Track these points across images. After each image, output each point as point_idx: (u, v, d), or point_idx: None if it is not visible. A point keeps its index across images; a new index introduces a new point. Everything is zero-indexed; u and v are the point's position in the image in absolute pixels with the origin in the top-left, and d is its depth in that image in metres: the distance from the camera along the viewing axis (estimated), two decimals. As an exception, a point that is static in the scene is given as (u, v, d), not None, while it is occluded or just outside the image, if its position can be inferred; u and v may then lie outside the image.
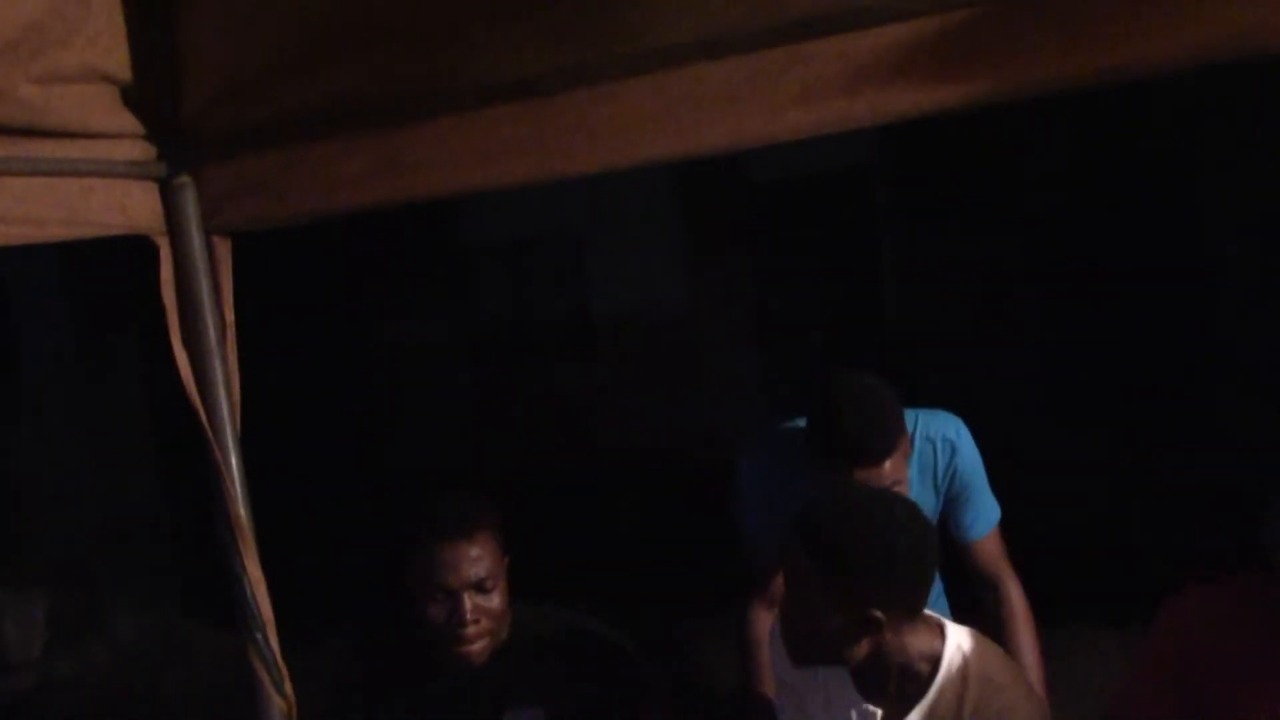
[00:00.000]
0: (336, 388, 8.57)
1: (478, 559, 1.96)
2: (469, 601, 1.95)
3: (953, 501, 2.44)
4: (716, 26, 1.61)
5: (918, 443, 2.37)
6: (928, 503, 2.40)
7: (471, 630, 1.96)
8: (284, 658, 2.00)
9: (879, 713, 1.83)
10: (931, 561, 1.80)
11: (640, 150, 1.72)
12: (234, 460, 1.99)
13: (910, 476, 2.28)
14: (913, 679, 1.81)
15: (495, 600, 1.99)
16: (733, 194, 8.10)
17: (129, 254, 2.05)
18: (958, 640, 1.83)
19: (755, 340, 8.19)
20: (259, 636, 1.97)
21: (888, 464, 2.08)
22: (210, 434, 1.96)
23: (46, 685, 5.20)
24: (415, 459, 7.73)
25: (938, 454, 2.40)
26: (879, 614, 1.72)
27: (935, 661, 1.80)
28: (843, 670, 1.84)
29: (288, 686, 1.98)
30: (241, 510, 1.98)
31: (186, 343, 1.97)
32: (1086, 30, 1.43)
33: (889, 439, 2.09)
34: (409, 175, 1.87)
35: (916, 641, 1.80)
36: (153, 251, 1.97)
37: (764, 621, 2.43)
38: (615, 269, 8.76)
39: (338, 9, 1.79)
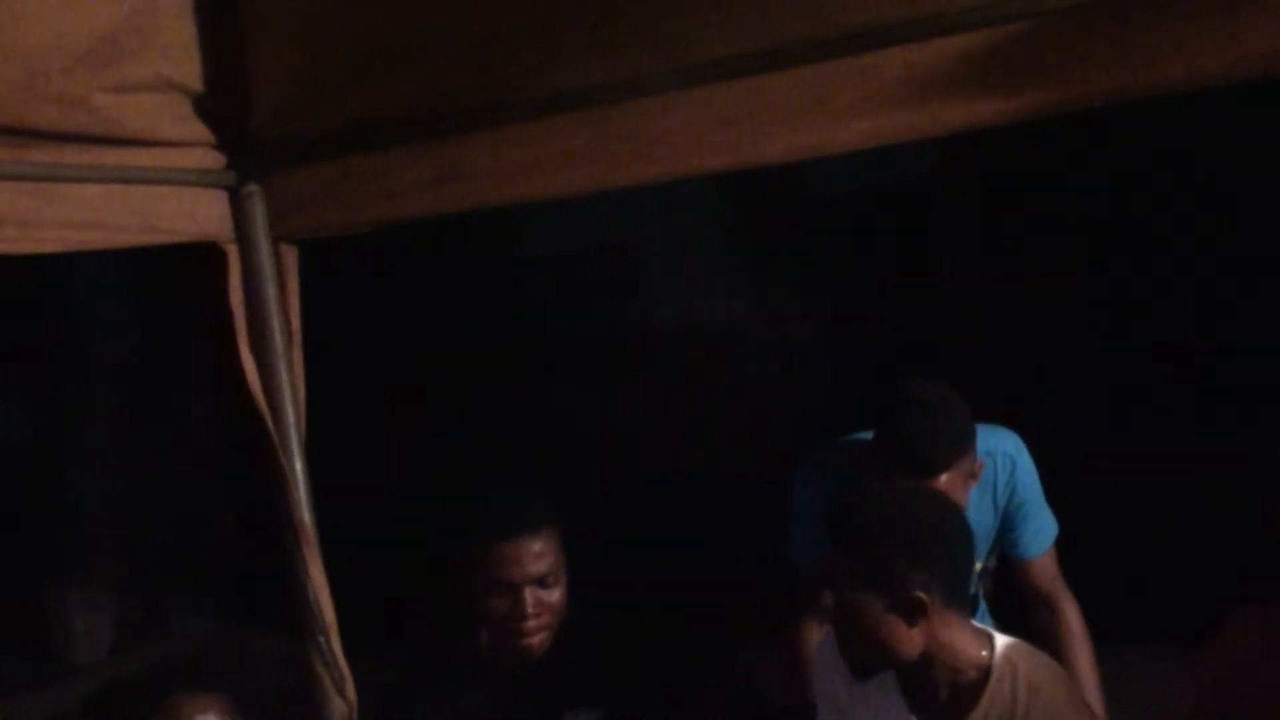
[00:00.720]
0: (392, 398, 8.62)
1: (540, 554, 1.98)
2: (530, 595, 1.97)
3: (1010, 518, 2.41)
4: (775, 38, 1.63)
5: (980, 457, 2.29)
6: (985, 519, 2.37)
7: (532, 624, 1.98)
8: (345, 661, 2.03)
9: None
10: (966, 543, 1.79)
11: (696, 161, 1.74)
12: (298, 466, 2.03)
13: (969, 494, 2.24)
14: (962, 689, 1.77)
15: (556, 595, 2.01)
16: (790, 208, 8.07)
17: (197, 263, 2.10)
18: (1007, 651, 1.80)
19: (812, 356, 8.16)
20: (321, 639, 2.01)
21: (944, 478, 2.02)
22: (275, 439, 2.00)
23: (112, 687, 5.30)
24: (470, 469, 7.77)
25: (997, 470, 2.36)
26: (922, 595, 1.70)
27: (985, 671, 1.77)
28: (892, 685, 1.83)
29: (349, 689, 2.02)
30: (305, 515, 2.02)
31: (253, 349, 2.02)
32: (1143, 42, 1.43)
33: (949, 451, 2.04)
34: (468, 184, 1.91)
35: (965, 647, 1.77)
36: (220, 259, 2.02)
37: (813, 638, 2.43)
38: (671, 283, 8.75)
39: (400, 22, 1.82)
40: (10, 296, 6.05)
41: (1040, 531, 2.41)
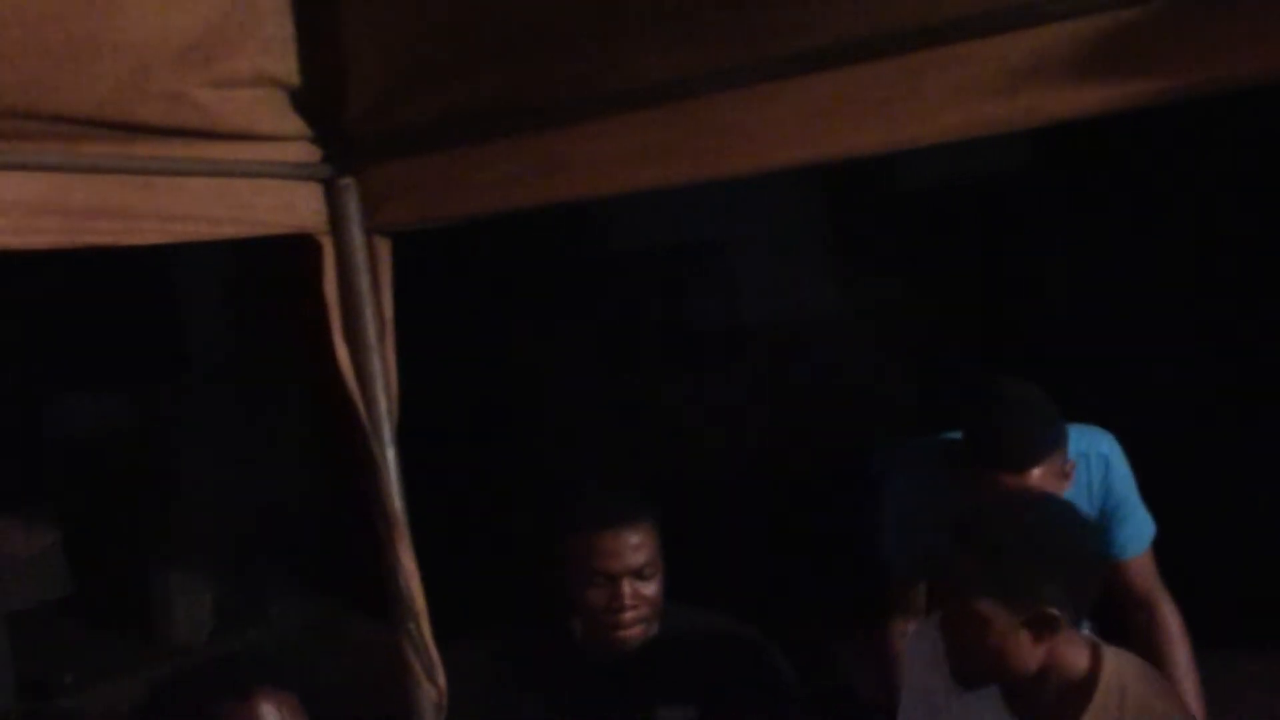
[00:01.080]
0: (486, 390, 8.70)
1: (638, 546, 1.99)
2: (628, 587, 1.98)
3: (1106, 519, 2.36)
4: (868, 28, 1.60)
5: (1073, 457, 2.24)
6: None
7: (630, 615, 1.99)
8: (436, 648, 2.05)
9: None
10: (1097, 558, 1.75)
11: (789, 153, 1.73)
12: (390, 454, 2.06)
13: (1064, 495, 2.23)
14: (1069, 700, 1.72)
15: (653, 588, 2.02)
16: (879, 202, 7.98)
17: (292, 256, 2.14)
18: (1114, 662, 1.75)
19: (904, 351, 8.07)
20: (411, 626, 2.03)
21: (1036, 472, 2.00)
22: (368, 428, 2.03)
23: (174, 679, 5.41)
24: (562, 463, 7.82)
25: (1091, 470, 2.31)
26: (1055, 611, 1.65)
27: (1090, 680, 1.72)
28: (992, 688, 1.80)
29: (439, 675, 2.04)
30: (397, 503, 2.04)
31: (347, 339, 2.05)
32: (1245, 29, 1.39)
33: (1039, 447, 2.01)
34: (560, 177, 1.91)
35: (1076, 658, 1.73)
36: (316, 251, 2.05)
37: (901, 637, 2.40)
38: (763, 277, 8.71)
39: (493, 15, 1.83)
40: (114, 290, 6.23)
41: (1137, 532, 2.36)
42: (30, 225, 1.68)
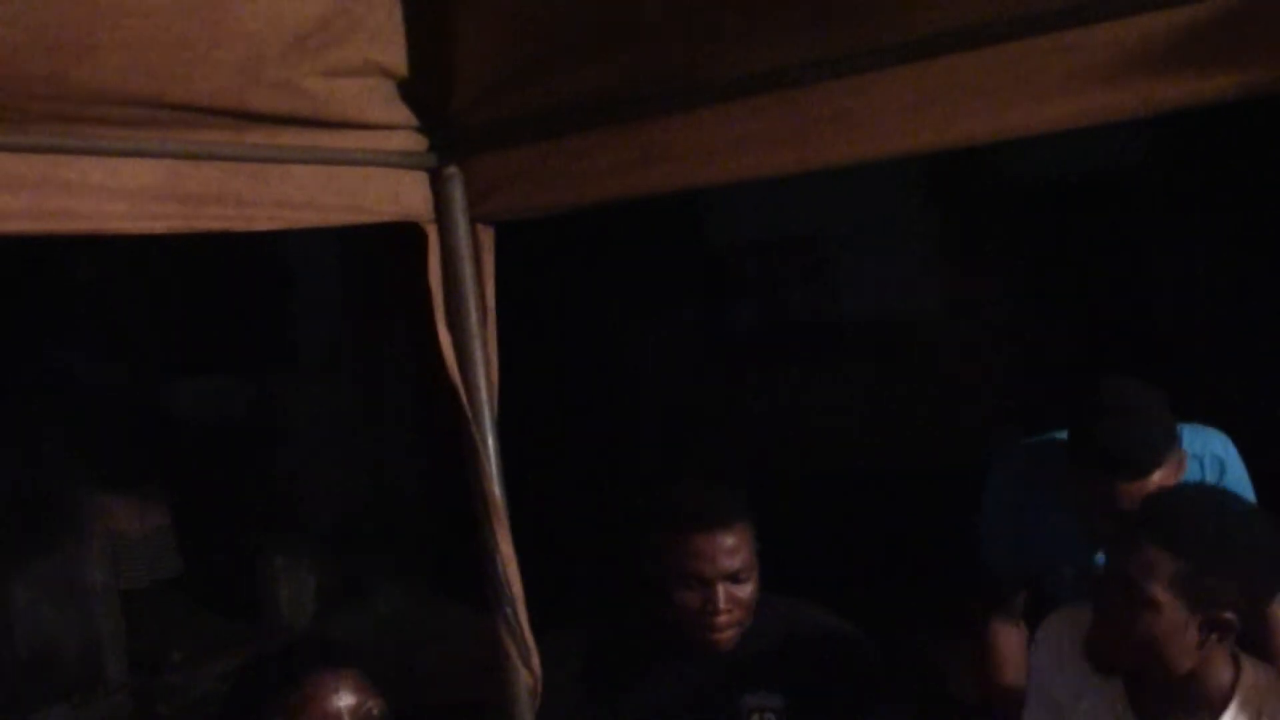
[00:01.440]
0: (584, 385, 8.74)
1: (733, 550, 1.98)
2: (723, 591, 1.97)
3: None
4: (976, 15, 1.58)
5: (1209, 474, 2.24)
6: None
7: (724, 619, 1.98)
8: (533, 634, 2.06)
9: None
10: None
11: (894, 142, 1.71)
12: (490, 440, 2.08)
13: None
14: (1202, 706, 1.68)
15: (748, 590, 2.01)
16: (989, 196, 7.85)
17: (399, 246, 2.17)
18: (1253, 676, 1.69)
19: (1011, 349, 7.92)
20: (508, 611, 2.05)
21: (1155, 476, 1.94)
22: (469, 413, 2.05)
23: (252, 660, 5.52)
24: (659, 458, 7.83)
25: (1205, 472, 2.25)
26: (1232, 617, 1.61)
27: (1227, 696, 1.67)
28: (1118, 694, 1.75)
29: (534, 661, 2.05)
30: (496, 489, 2.06)
31: (450, 325, 2.07)
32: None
33: (1155, 451, 1.96)
34: (662, 167, 1.91)
35: (1221, 667, 1.68)
36: (421, 239, 2.08)
37: (1007, 637, 2.36)
38: (866, 273, 8.62)
39: (600, 4, 1.84)
40: (231, 278, 6.39)
41: None
42: (148, 211, 1.73)
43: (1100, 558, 2.17)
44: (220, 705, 1.56)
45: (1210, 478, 2.25)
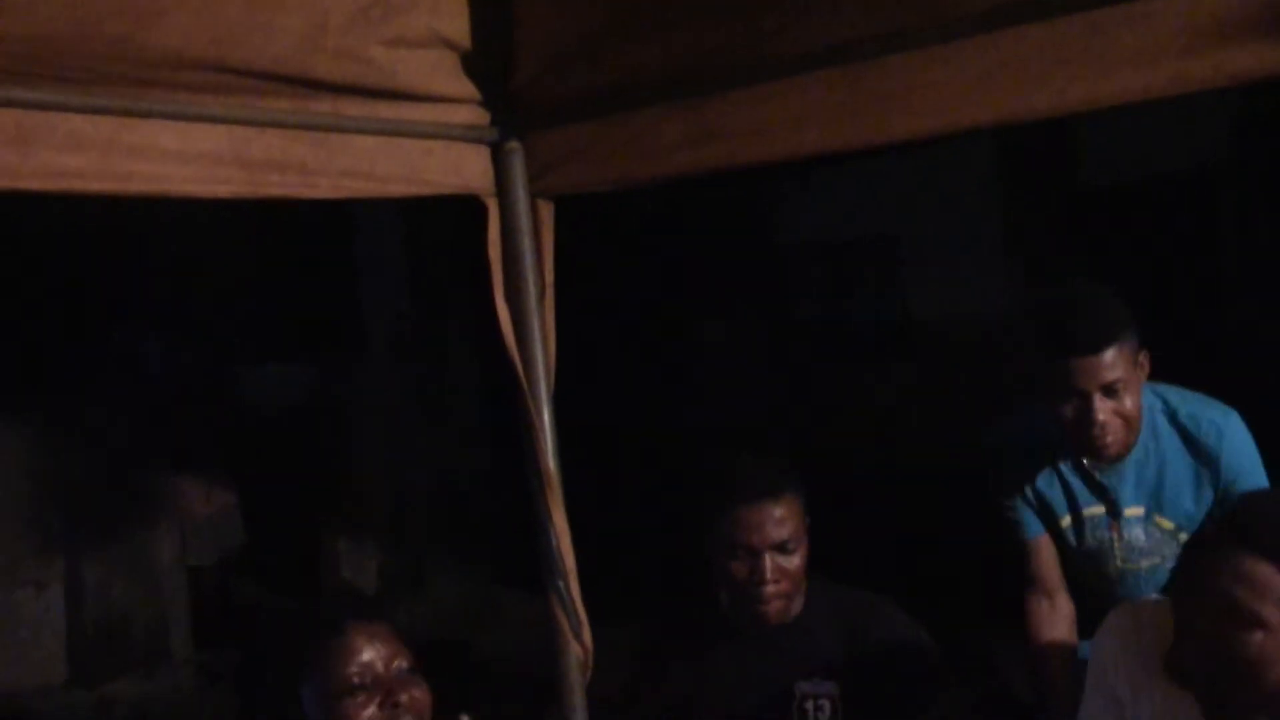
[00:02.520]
0: (649, 379, 8.75)
1: (782, 520, 1.97)
2: (770, 561, 1.96)
3: (1228, 496, 2.25)
4: (1043, -15, 1.55)
5: (1183, 419, 2.24)
6: (1180, 470, 2.25)
7: (771, 589, 1.97)
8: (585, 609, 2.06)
9: None
10: None
11: (959, 117, 1.68)
12: (546, 414, 2.08)
13: (1172, 446, 2.22)
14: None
15: (796, 562, 2.00)
16: (1061, 198, 7.73)
17: (465, 232, 2.18)
18: None
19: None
20: (560, 584, 2.05)
21: (1107, 354, 2.04)
22: (525, 387, 2.06)
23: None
24: (720, 448, 7.80)
25: (1202, 432, 2.23)
26: None
27: None
28: (1185, 696, 1.64)
29: (586, 634, 2.05)
30: (551, 463, 2.06)
31: (508, 299, 2.08)
32: None
33: (1105, 328, 2.06)
34: (724, 143, 1.90)
35: None
36: (481, 213, 2.09)
37: (1045, 619, 2.32)
38: (933, 273, 8.54)
39: (662, -19, 1.84)
40: (297, 267, 6.48)
41: None
42: (213, 175, 1.76)
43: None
44: (259, 654, 1.59)
45: (1208, 439, 2.23)
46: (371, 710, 1.48)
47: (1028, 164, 7.81)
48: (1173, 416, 2.24)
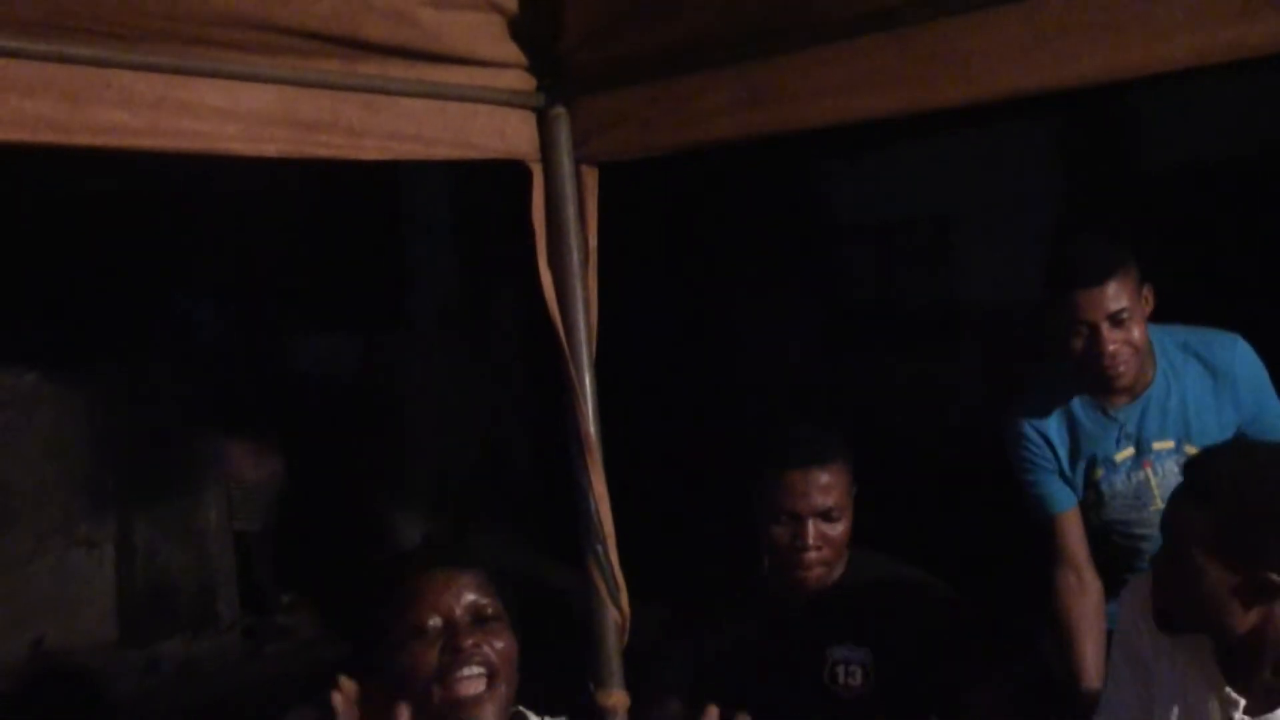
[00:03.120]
0: (695, 358, 8.74)
1: (827, 488, 1.97)
2: (813, 528, 1.96)
3: (1248, 420, 2.30)
4: (1097, -51, 1.53)
5: (1194, 345, 2.30)
6: (1206, 402, 2.28)
7: (812, 555, 1.97)
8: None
9: (1242, 702, 1.63)
10: None
11: (1008, 81, 1.66)
12: (587, 379, 2.09)
13: (1191, 373, 2.26)
14: None
15: (839, 530, 1.99)
16: (1119, 181, 7.61)
17: (512, 205, 2.18)
18: None
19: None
20: (599, 549, 2.06)
21: (1110, 285, 2.12)
22: (567, 352, 2.06)
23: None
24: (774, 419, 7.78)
25: (1215, 353, 2.29)
26: (1275, 578, 1.52)
27: None
28: (1206, 648, 1.68)
29: (623, 598, 2.06)
30: (591, 428, 2.07)
31: (551, 265, 2.09)
32: None
33: (1108, 260, 2.14)
34: (770, 108, 1.89)
35: None
36: (526, 178, 2.09)
37: (1074, 594, 2.31)
38: (986, 256, 8.45)
39: (709, -55, 1.82)
40: (348, 240, 6.53)
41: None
42: (261, 134, 1.77)
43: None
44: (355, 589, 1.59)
45: (1221, 359, 2.28)
46: (432, 655, 1.45)
47: (1087, 145, 7.70)
48: (1184, 346, 2.30)
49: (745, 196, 8.17)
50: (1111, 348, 2.14)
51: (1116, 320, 2.13)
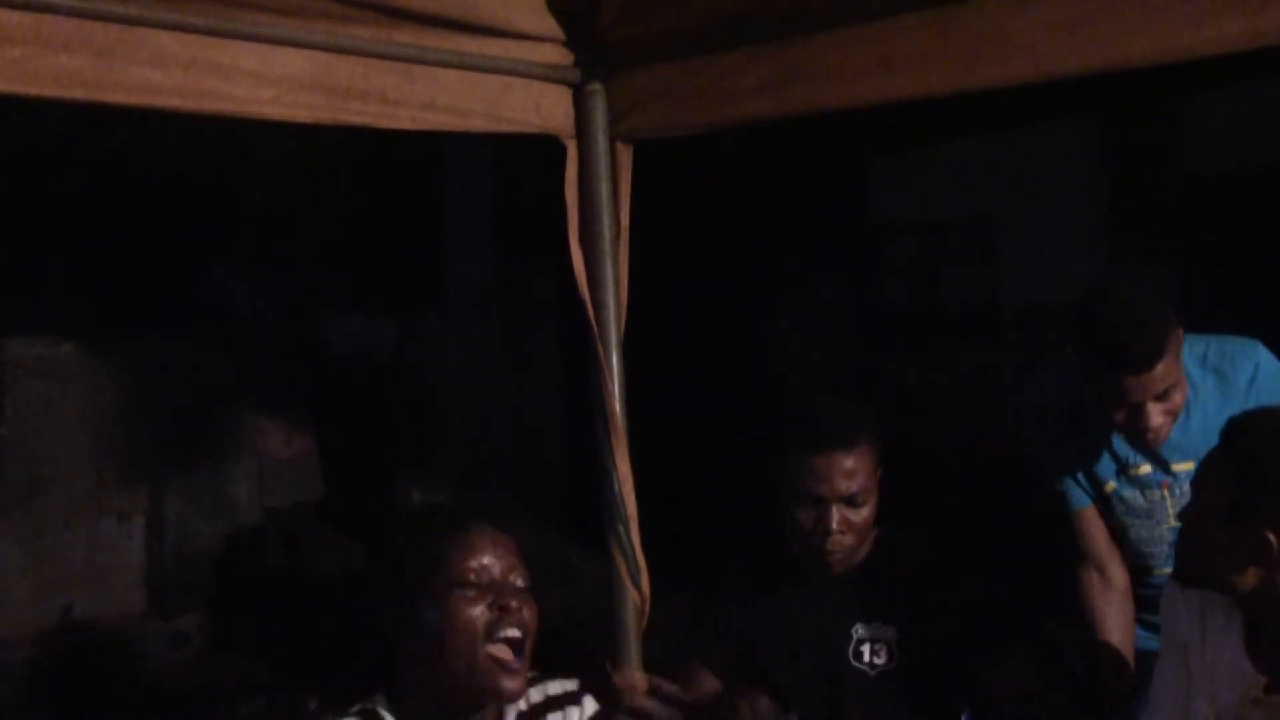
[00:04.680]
0: (732, 353, 8.71)
1: (852, 472, 1.94)
2: (837, 513, 1.93)
3: None
4: (1147, -73, 1.49)
5: (1212, 359, 2.18)
6: (1225, 413, 2.16)
7: (835, 540, 1.94)
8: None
9: (1263, 680, 1.62)
10: None
11: (1052, 62, 1.63)
12: (615, 359, 2.07)
13: (1208, 390, 2.15)
14: None
15: (864, 514, 1.96)
16: (1167, 186, 7.51)
17: (550, 191, 2.17)
18: None
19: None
20: (621, 529, 2.05)
21: (1159, 368, 1.95)
22: (595, 329, 2.04)
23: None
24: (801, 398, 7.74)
25: (1237, 367, 2.18)
26: (1272, 538, 1.54)
27: None
28: (1236, 630, 1.67)
29: (644, 581, 2.04)
30: (617, 406, 2.05)
31: (583, 242, 2.07)
32: None
33: (1158, 341, 1.95)
34: (807, 86, 1.87)
35: None
36: (560, 154, 2.07)
37: (1098, 591, 2.25)
38: (1028, 258, 8.35)
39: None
40: (385, 221, 6.55)
41: None
42: (295, 99, 1.77)
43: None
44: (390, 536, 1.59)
45: (1243, 372, 2.18)
46: (480, 609, 1.44)
47: (1133, 149, 7.61)
48: (1204, 361, 2.19)
49: (789, 188, 8.13)
50: (1156, 421, 2.04)
51: (1162, 397, 2.03)
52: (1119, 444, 2.23)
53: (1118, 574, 2.26)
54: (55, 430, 4.92)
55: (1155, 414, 2.02)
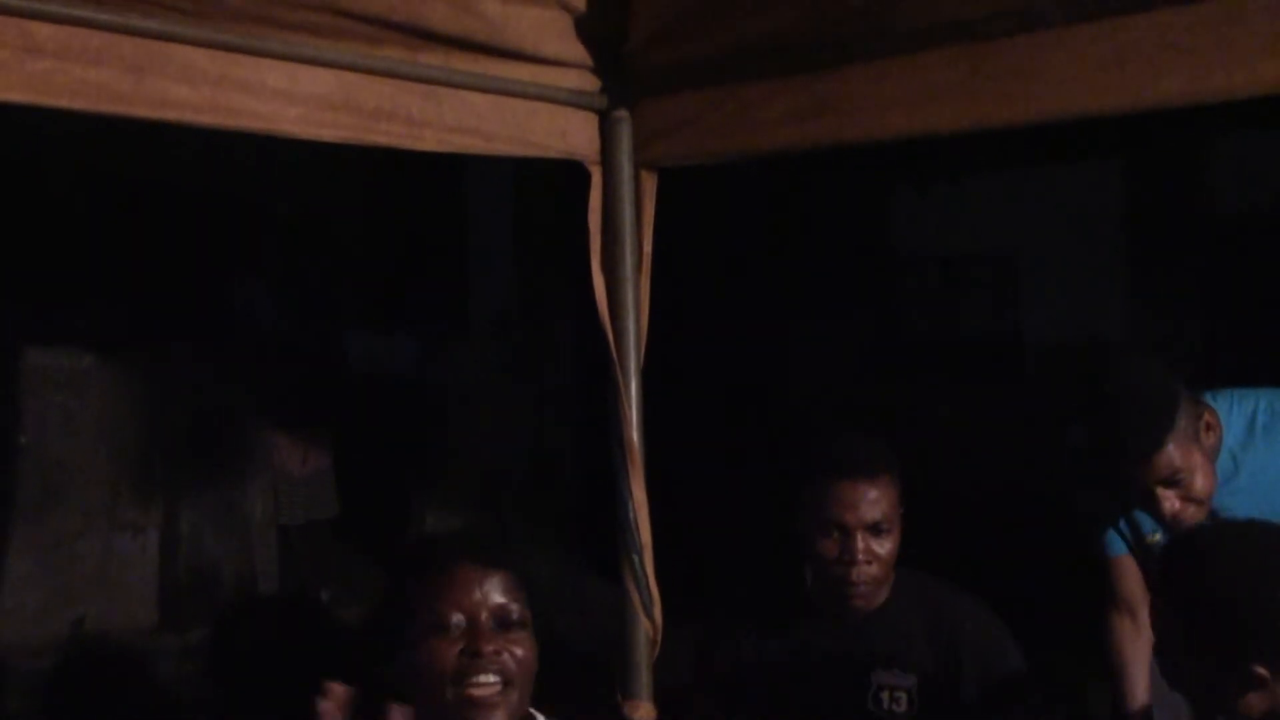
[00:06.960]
0: (752, 382, 8.69)
1: (876, 501, 1.92)
2: (861, 541, 1.91)
3: None
4: (1182, -31, 1.48)
5: (1262, 416, 2.13)
6: (1274, 470, 2.13)
7: (859, 571, 1.92)
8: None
9: None
10: None
11: (1084, 102, 1.61)
12: (633, 385, 2.05)
13: (1257, 449, 2.11)
14: None
15: (888, 546, 1.94)
16: (1191, 224, 7.48)
17: (572, 218, 2.16)
18: None
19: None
20: (635, 558, 2.02)
21: (1170, 449, 1.92)
22: (615, 357, 2.03)
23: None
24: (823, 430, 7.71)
25: (1258, 416, 2.14)
26: (1262, 670, 1.44)
27: None
28: None
29: (657, 611, 2.02)
30: (634, 434, 2.04)
31: (605, 269, 2.06)
32: None
33: (1160, 424, 1.93)
34: (835, 118, 1.85)
35: None
36: (584, 179, 2.07)
37: (1128, 637, 2.25)
38: (1051, 294, 8.33)
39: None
40: (409, 244, 6.57)
41: None
42: (320, 119, 1.76)
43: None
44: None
45: (1260, 422, 2.13)
46: (452, 655, 1.40)
47: (1157, 188, 7.58)
48: (1252, 420, 2.14)
49: (812, 218, 8.13)
50: (1170, 507, 1.99)
51: (1171, 483, 1.99)
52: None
53: (1147, 621, 2.24)
54: (73, 441, 4.94)
55: (1167, 499, 1.98)
